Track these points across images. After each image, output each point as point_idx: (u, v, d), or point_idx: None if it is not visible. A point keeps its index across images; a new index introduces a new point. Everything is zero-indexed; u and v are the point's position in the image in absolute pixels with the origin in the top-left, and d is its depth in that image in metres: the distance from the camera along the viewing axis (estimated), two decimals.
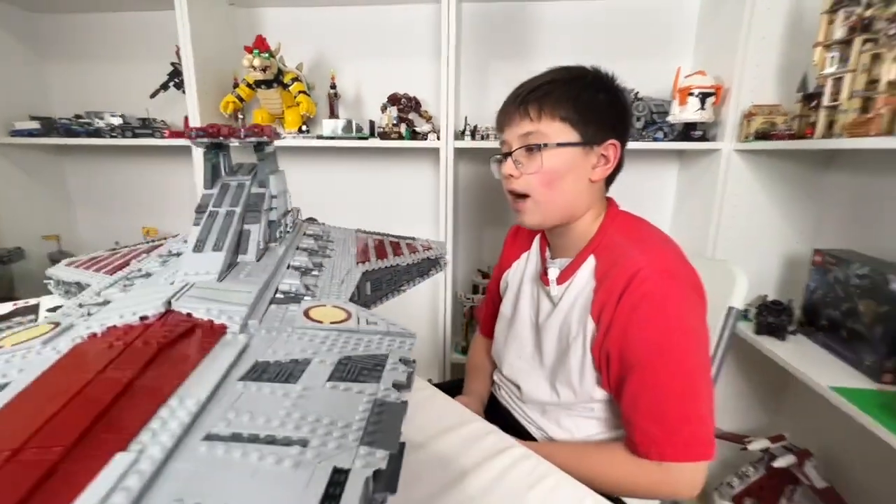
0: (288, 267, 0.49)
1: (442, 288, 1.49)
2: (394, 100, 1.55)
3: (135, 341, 0.28)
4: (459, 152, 1.47)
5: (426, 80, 1.61)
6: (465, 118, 1.47)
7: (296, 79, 1.49)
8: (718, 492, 1.23)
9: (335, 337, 0.35)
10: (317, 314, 0.38)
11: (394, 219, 1.73)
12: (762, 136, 1.21)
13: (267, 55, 1.41)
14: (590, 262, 0.70)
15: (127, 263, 0.56)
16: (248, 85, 1.50)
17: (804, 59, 1.13)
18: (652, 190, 1.59)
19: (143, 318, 0.33)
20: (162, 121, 1.63)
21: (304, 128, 1.53)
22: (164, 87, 1.58)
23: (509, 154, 0.71)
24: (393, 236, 0.75)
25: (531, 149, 0.68)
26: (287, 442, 0.23)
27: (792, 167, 1.29)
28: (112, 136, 1.57)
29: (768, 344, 1.16)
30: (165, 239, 0.69)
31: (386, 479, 0.23)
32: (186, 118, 1.62)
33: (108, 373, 0.25)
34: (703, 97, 1.29)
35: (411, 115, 1.57)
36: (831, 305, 1.09)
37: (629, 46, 1.50)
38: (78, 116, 1.62)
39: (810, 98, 1.13)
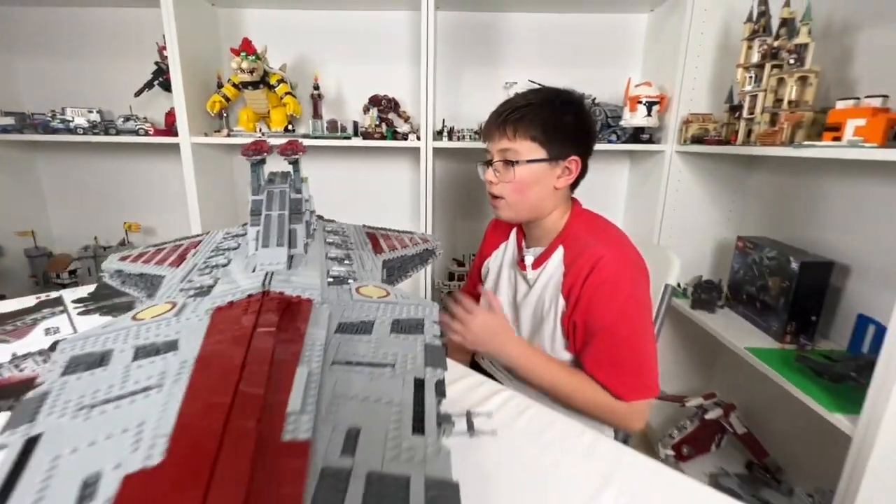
0: (327, 258, 0.62)
1: (422, 275, 1.64)
2: (375, 101, 1.66)
3: (260, 308, 0.41)
4: (437, 151, 1.60)
5: (404, 83, 1.72)
6: (443, 120, 1.60)
7: (281, 80, 1.57)
8: (662, 442, 1.46)
9: (384, 307, 0.49)
10: (365, 291, 0.52)
11: (376, 213, 1.84)
12: (697, 140, 1.42)
13: (254, 58, 1.48)
14: (559, 252, 0.86)
15: (183, 258, 0.66)
16: (234, 85, 1.56)
17: (730, 76, 1.34)
18: (608, 185, 1.79)
19: (249, 296, 0.45)
20: (144, 117, 1.66)
21: (290, 127, 1.62)
22: (149, 85, 1.62)
23: (491, 162, 0.87)
24: (393, 230, 0.88)
25: (507, 163, 0.84)
26: (382, 365, 0.38)
27: (722, 167, 1.52)
28: (94, 133, 1.59)
29: (702, 317, 1.39)
30: (199, 236, 0.79)
31: (441, 389, 0.37)
32: (169, 115, 1.67)
33: (260, 327, 0.38)
34: (650, 105, 1.49)
35: (390, 116, 1.69)
36: (749, 283, 1.33)
37: (588, 57, 1.68)
38: (53, 112, 1.62)
39: (734, 109, 1.35)
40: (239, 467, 0.24)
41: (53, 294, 0.97)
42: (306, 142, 1.57)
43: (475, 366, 1.08)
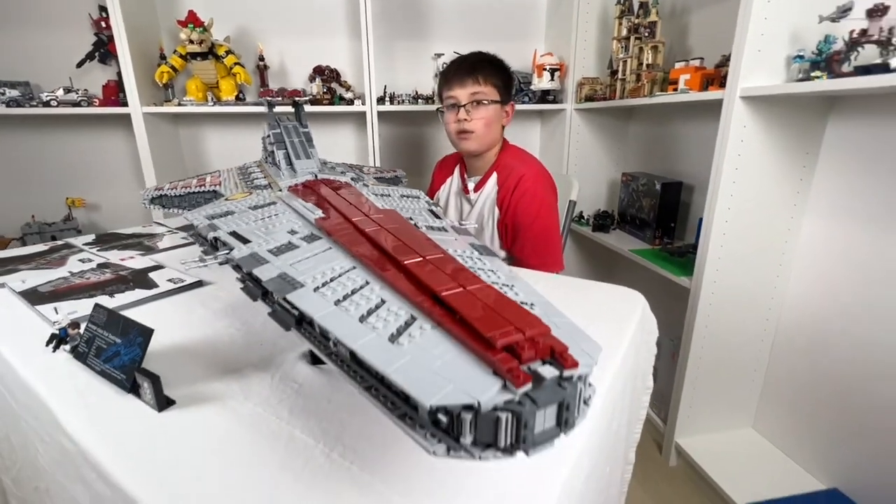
0: (331, 167, 0.86)
1: None
2: (318, 71, 1.83)
3: (322, 183, 0.66)
4: (380, 115, 1.82)
5: (342, 55, 1.91)
6: (385, 87, 1.83)
7: (229, 51, 1.68)
8: None
9: (394, 188, 0.75)
10: (373, 187, 0.78)
11: None
12: (589, 98, 1.80)
13: (202, 29, 1.59)
14: (494, 176, 1.17)
15: (217, 182, 0.86)
16: (181, 56, 1.65)
17: (609, 46, 1.73)
18: (525, 142, 2.15)
19: (306, 182, 0.69)
20: (84, 90, 1.68)
21: (241, 96, 1.74)
22: (91, 56, 1.64)
23: (458, 105, 1.12)
24: (367, 165, 1.13)
25: (478, 103, 1.10)
26: (409, 196, 0.65)
27: (608, 120, 1.93)
28: (32, 106, 1.59)
29: (601, 237, 1.79)
30: (214, 172, 0.97)
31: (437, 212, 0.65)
32: (107, 87, 1.71)
33: (329, 188, 0.62)
34: (552, 72, 1.84)
35: (333, 85, 1.88)
36: (631, 206, 1.75)
37: (502, 30, 1.99)
38: None
39: (614, 73, 1.74)
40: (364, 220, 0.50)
41: (59, 242, 1.08)
42: (253, 109, 1.73)
43: None
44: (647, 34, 1.49)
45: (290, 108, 0.92)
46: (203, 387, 0.50)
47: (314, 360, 0.56)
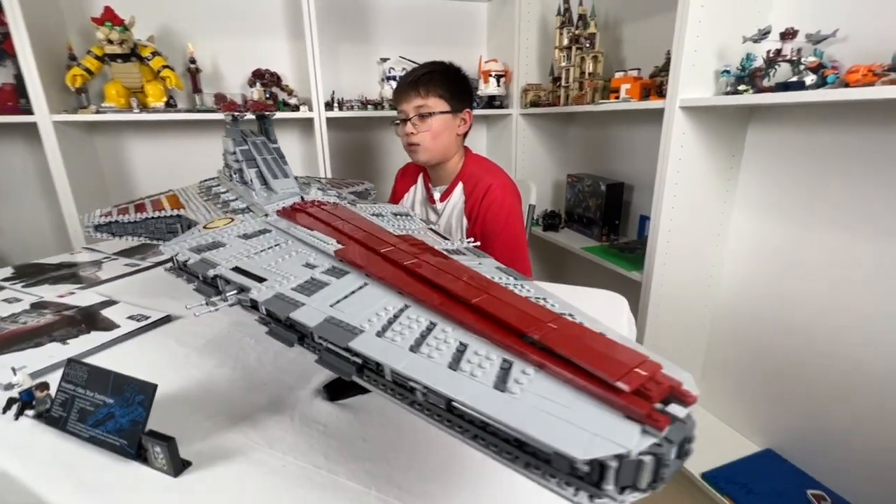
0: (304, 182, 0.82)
1: None
2: (258, 75, 1.73)
3: (312, 205, 0.62)
4: (329, 121, 1.76)
5: (282, 58, 1.82)
6: (333, 92, 1.77)
7: (155, 52, 1.53)
8: None
9: (376, 205, 0.73)
10: (361, 205, 0.75)
11: None
12: (534, 104, 1.88)
13: (122, 28, 1.43)
14: (460, 186, 1.18)
15: (179, 204, 0.78)
16: (97, 57, 1.47)
17: (550, 54, 1.82)
18: (471, 145, 2.17)
19: (294, 204, 0.65)
20: None
21: (171, 101, 1.59)
22: None
23: (407, 119, 1.12)
24: (336, 178, 1.09)
25: (422, 116, 1.10)
26: (401, 214, 0.64)
27: (550, 124, 2.03)
28: None
29: (551, 235, 1.88)
30: (170, 191, 0.88)
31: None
32: (1, 90, 1.48)
33: (323, 209, 0.59)
34: (498, 77, 1.89)
35: (274, 90, 1.78)
36: (578, 206, 1.86)
37: (446, 36, 2.01)
38: None
39: (555, 80, 1.83)
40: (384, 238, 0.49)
41: None
42: (188, 116, 1.60)
43: None
44: (587, 45, 1.58)
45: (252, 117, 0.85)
46: (217, 440, 0.46)
47: (332, 397, 0.53)
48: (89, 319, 0.73)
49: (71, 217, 1.51)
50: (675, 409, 0.23)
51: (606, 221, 1.72)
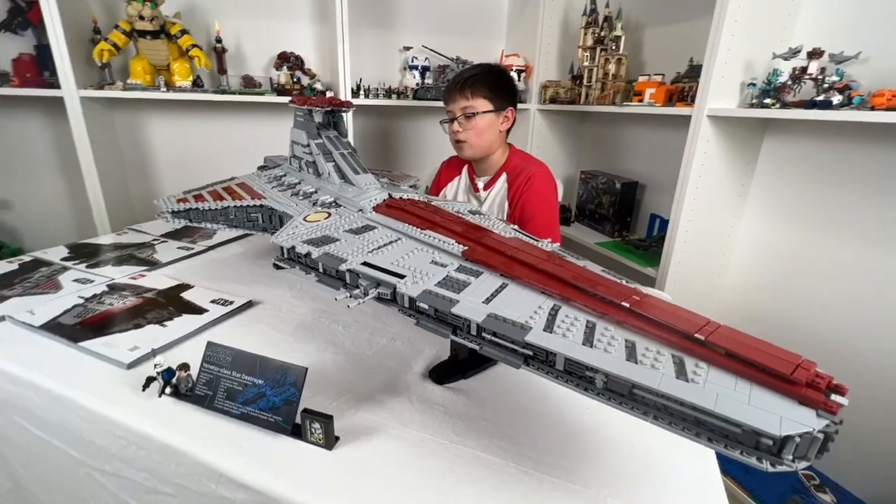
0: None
1: None
2: (284, 58, 1.72)
3: (402, 202, 0.67)
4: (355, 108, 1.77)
5: (305, 41, 1.81)
6: (360, 79, 1.77)
7: (184, 31, 1.50)
8: None
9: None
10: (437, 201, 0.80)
11: None
12: (552, 100, 1.93)
13: (153, 4, 1.40)
14: (503, 177, 1.23)
15: (255, 194, 0.81)
16: (125, 33, 1.44)
17: (570, 53, 1.86)
18: None
19: (385, 201, 0.69)
20: None
21: (198, 81, 1.57)
22: (5, 25, 1.36)
23: (454, 119, 1.16)
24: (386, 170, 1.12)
25: (468, 116, 1.15)
26: (473, 213, 0.69)
27: (564, 121, 2.08)
28: None
29: (564, 230, 1.95)
30: (232, 179, 0.91)
31: None
32: (20, 60, 1.44)
33: (417, 207, 0.64)
34: (519, 73, 1.93)
35: (297, 73, 1.77)
36: (590, 202, 1.93)
37: (468, 28, 2.03)
38: None
39: (576, 78, 1.88)
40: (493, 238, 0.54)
41: (26, 258, 0.93)
42: (215, 97, 1.59)
43: None
44: (612, 47, 1.63)
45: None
46: (352, 419, 0.51)
47: (439, 381, 0.59)
48: (174, 303, 0.76)
49: (95, 194, 1.49)
50: (838, 398, 0.30)
51: (619, 218, 1.80)
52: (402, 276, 0.49)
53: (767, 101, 1.17)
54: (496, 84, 1.18)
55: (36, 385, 0.56)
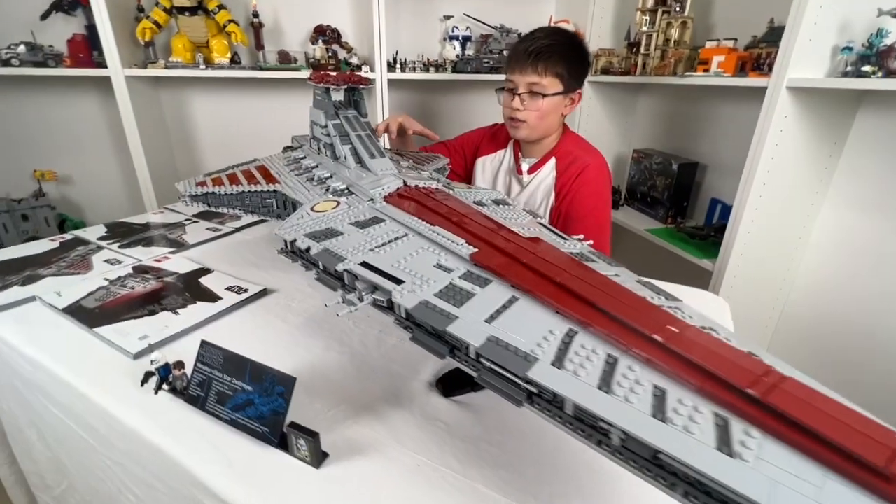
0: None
1: None
2: (320, 31, 1.67)
3: (417, 191, 0.60)
4: (389, 82, 1.70)
5: (340, 11, 1.74)
6: (396, 52, 1.69)
7: (221, 6, 1.49)
8: None
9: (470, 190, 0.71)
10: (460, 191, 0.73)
11: None
12: (605, 71, 1.76)
13: None
14: (552, 161, 1.12)
15: (271, 178, 0.78)
16: (165, 10, 1.44)
17: (628, 17, 1.67)
18: None
19: (398, 189, 0.63)
20: (50, 46, 1.45)
21: (236, 58, 1.56)
22: (57, 6, 1.40)
23: (514, 91, 1.05)
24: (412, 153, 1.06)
25: (534, 94, 1.03)
26: (500, 202, 0.61)
27: (617, 94, 1.90)
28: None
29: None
30: (253, 161, 0.88)
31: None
32: (74, 43, 1.49)
33: (430, 196, 0.58)
34: None
35: (334, 47, 1.72)
36: (642, 184, 1.77)
37: None
38: None
39: (632, 45, 1.69)
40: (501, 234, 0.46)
41: (67, 236, 0.96)
42: (253, 74, 1.57)
43: None
44: (676, 8, 1.44)
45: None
46: (346, 432, 0.47)
47: (446, 393, 0.54)
48: (191, 288, 0.75)
49: (142, 171, 1.55)
50: None
51: (674, 203, 1.63)
52: (400, 282, 0.44)
53: (866, 68, 0.97)
54: (573, 61, 1.03)
55: (48, 369, 0.57)
